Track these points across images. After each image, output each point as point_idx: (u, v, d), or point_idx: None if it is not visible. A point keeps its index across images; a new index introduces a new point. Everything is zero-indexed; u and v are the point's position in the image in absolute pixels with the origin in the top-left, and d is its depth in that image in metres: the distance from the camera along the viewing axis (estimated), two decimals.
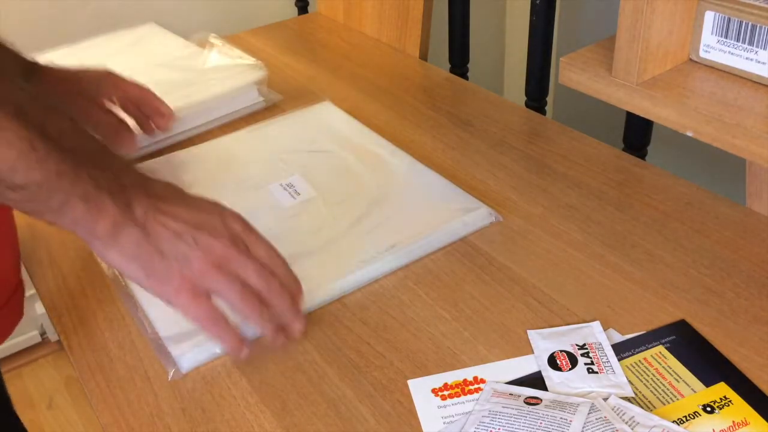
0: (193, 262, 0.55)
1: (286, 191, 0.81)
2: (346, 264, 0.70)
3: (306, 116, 0.97)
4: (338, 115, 0.96)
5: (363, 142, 0.90)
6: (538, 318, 0.64)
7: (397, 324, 0.65)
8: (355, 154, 0.87)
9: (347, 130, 0.93)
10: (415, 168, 0.84)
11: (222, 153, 0.90)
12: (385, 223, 0.75)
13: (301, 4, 1.43)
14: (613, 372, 0.58)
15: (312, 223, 0.76)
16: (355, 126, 0.93)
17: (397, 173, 0.83)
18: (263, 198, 0.80)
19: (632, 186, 0.81)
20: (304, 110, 0.98)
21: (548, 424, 0.53)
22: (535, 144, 0.90)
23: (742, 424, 0.53)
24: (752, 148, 0.70)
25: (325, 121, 0.95)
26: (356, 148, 0.88)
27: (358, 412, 0.58)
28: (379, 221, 0.75)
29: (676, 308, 0.64)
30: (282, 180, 0.83)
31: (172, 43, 1.13)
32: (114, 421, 0.59)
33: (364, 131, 0.92)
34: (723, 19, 0.74)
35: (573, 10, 1.45)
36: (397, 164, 0.85)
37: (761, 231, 0.73)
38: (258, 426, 0.57)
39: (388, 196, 0.79)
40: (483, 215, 0.76)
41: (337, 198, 0.79)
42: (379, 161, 0.85)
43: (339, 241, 0.73)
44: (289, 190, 0.81)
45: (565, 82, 0.85)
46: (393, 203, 0.78)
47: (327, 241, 0.73)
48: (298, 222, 0.76)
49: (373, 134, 0.91)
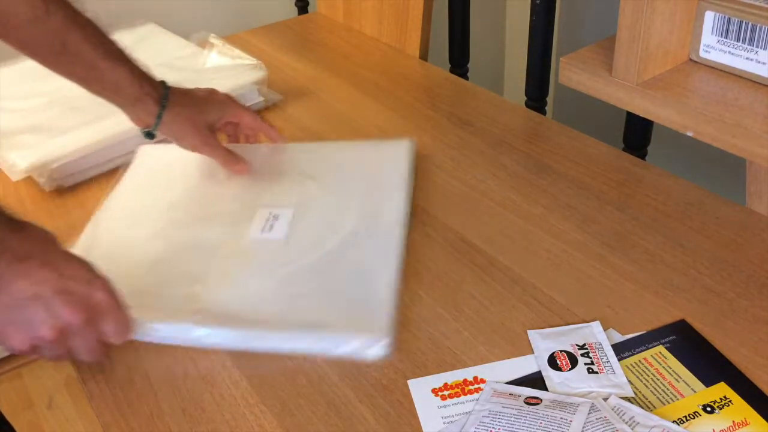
0: (36, 327, 0.55)
1: (266, 222, 0.76)
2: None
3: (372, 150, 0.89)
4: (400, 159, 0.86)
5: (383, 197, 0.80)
6: (538, 318, 0.64)
7: (397, 324, 0.65)
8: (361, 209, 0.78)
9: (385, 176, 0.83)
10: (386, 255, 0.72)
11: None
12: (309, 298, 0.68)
13: (301, 4, 1.43)
14: (613, 372, 0.58)
15: (260, 264, 0.72)
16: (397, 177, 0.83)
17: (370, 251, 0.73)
18: (243, 219, 0.77)
19: (632, 186, 0.81)
20: (379, 144, 0.90)
21: (548, 424, 0.53)
22: (535, 144, 0.90)
23: (742, 424, 0.53)
24: (752, 148, 0.70)
25: (384, 161, 0.86)
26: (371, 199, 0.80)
27: (358, 412, 0.58)
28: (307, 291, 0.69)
29: (676, 308, 0.64)
30: (273, 209, 0.78)
31: (172, 43, 1.13)
32: (114, 421, 0.59)
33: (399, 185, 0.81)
34: (723, 19, 0.74)
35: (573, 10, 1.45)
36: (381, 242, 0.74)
37: (761, 231, 0.73)
38: (258, 426, 0.57)
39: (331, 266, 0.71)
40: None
41: (294, 253, 0.73)
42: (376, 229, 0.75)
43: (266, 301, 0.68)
44: (268, 222, 0.76)
45: (565, 82, 0.85)
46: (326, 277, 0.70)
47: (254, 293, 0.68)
48: (247, 259, 0.73)
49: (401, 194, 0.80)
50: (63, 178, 0.86)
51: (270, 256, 0.73)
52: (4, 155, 0.87)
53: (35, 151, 0.86)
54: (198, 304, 0.66)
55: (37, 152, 0.86)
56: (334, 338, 0.62)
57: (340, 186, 0.83)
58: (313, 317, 0.64)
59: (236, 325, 0.64)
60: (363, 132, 0.95)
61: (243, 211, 0.78)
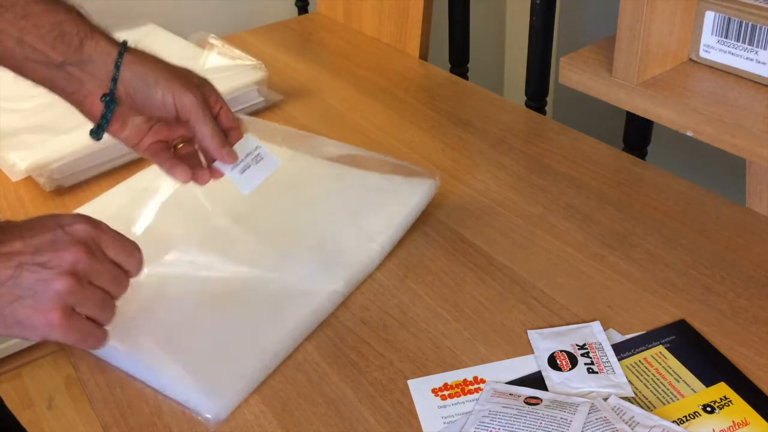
0: (48, 286, 0.50)
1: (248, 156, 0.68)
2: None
3: None
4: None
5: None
6: (538, 318, 0.64)
7: (397, 324, 0.65)
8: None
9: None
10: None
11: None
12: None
13: (301, 4, 1.43)
14: (613, 372, 0.58)
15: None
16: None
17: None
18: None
19: (632, 186, 0.81)
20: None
21: (548, 424, 0.53)
22: (535, 144, 0.90)
23: (742, 424, 0.53)
24: (752, 148, 0.70)
25: None
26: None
27: (358, 412, 0.58)
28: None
29: (676, 308, 0.64)
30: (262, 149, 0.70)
31: (172, 44, 1.13)
32: (114, 421, 0.59)
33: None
34: (723, 19, 0.74)
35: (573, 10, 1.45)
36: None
37: (761, 231, 0.73)
38: (258, 426, 0.57)
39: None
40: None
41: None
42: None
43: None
44: (249, 156, 0.68)
45: (565, 82, 0.85)
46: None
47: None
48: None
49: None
50: (63, 178, 0.86)
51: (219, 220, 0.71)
52: (4, 155, 0.87)
53: (35, 151, 0.86)
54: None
55: (37, 152, 0.86)
56: (181, 383, 0.59)
57: (339, 205, 0.78)
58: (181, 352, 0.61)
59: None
60: (363, 132, 0.95)
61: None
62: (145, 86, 0.61)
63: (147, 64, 0.62)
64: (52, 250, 0.51)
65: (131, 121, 0.63)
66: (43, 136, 0.89)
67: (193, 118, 0.62)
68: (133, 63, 0.61)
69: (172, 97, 0.61)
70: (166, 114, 0.62)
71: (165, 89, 0.61)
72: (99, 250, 0.53)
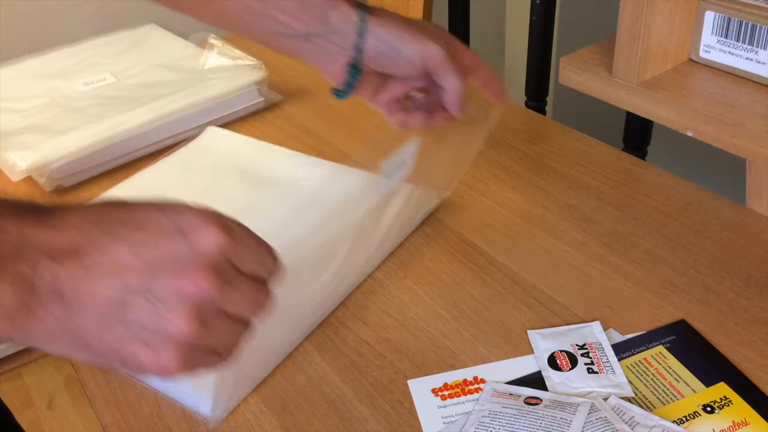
0: (164, 326, 0.38)
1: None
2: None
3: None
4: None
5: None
6: (538, 318, 0.64)
7: (397, 324, 0.65)
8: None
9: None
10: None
11: None
12: None
13: None
14: (613, 372, 0.58)
15: None
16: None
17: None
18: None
19: (632, 186, 0.81)
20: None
21: (548, 424, 0.53)
22: (535, 144, 0.90)
23: (742, 424, 0.53)
24: (752, 148, 0.70)
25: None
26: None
27: (358, 412, 0.58)
28: None
29: (676, 308, 0.64)
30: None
31: (172, 44, 1.13)
32: (114, 421, 0.59)
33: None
34: (723, 19, 0.74)
35: (573, 10, 1.45)
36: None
37: (761, 231, 0.73)
38: (258, 426, 0.57)
39: None
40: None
41: None
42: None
43: None
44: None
45: (565, 82, 0.85)
46: None
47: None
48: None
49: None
50: (63, 178, 0.86)
51: None
52: (4, 155, 0.87)
53: (35, 151, 0.86)
54: None
55: (37, 152, 0.86)
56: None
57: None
58: None
59: None
60: (363, 132, 0.95)
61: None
62: (390, 49, 0.61)
63: (390, 27, 0.61)
64: (172, 274, 0.38)
65: (370, 79, 0.64)
66: (43, 136, 0.89)
67: (439, 71, 0.61)
68: (376, 27, 0.60)
69: (420, 54, 0.61)
70: (411, 71, 0.62)
71: (411, 48, 0.60)
72: (232, 269, 0.40)
